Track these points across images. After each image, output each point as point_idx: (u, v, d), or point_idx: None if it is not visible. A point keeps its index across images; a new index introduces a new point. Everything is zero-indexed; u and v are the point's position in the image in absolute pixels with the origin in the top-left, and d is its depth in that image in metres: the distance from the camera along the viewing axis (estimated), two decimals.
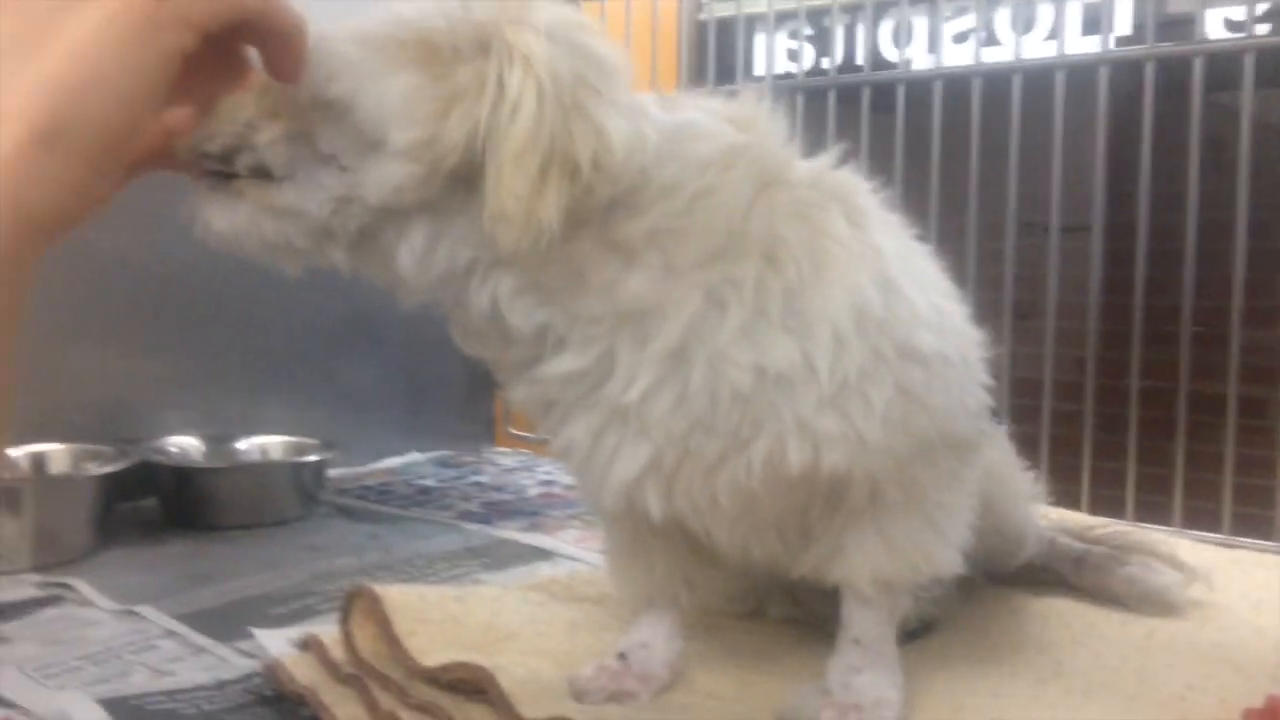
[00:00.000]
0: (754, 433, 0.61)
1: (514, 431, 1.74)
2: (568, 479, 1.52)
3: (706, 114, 0.63)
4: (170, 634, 0.88)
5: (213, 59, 0.51)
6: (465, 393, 1.74)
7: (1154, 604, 0.91)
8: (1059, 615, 0.89)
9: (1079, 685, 0.74)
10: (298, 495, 1.27)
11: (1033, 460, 1.28)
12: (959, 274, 0.76)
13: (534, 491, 1.44)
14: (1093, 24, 1.87)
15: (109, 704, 0.72)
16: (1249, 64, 1.13)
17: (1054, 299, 1.32)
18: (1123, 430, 1.25)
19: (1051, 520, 1.03)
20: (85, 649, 0.84)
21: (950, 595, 0.84)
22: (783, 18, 1.59)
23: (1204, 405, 1.21)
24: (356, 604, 0.80)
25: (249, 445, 1.35)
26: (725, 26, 1.58)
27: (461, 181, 0.57)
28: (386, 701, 0.71)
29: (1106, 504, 1.24)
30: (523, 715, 0.66)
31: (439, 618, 0.79)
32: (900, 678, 0.70)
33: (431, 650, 0.74)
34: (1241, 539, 1.14)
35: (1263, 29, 1.16)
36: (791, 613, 0.86)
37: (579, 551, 1.14)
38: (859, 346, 0.60)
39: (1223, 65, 1.19)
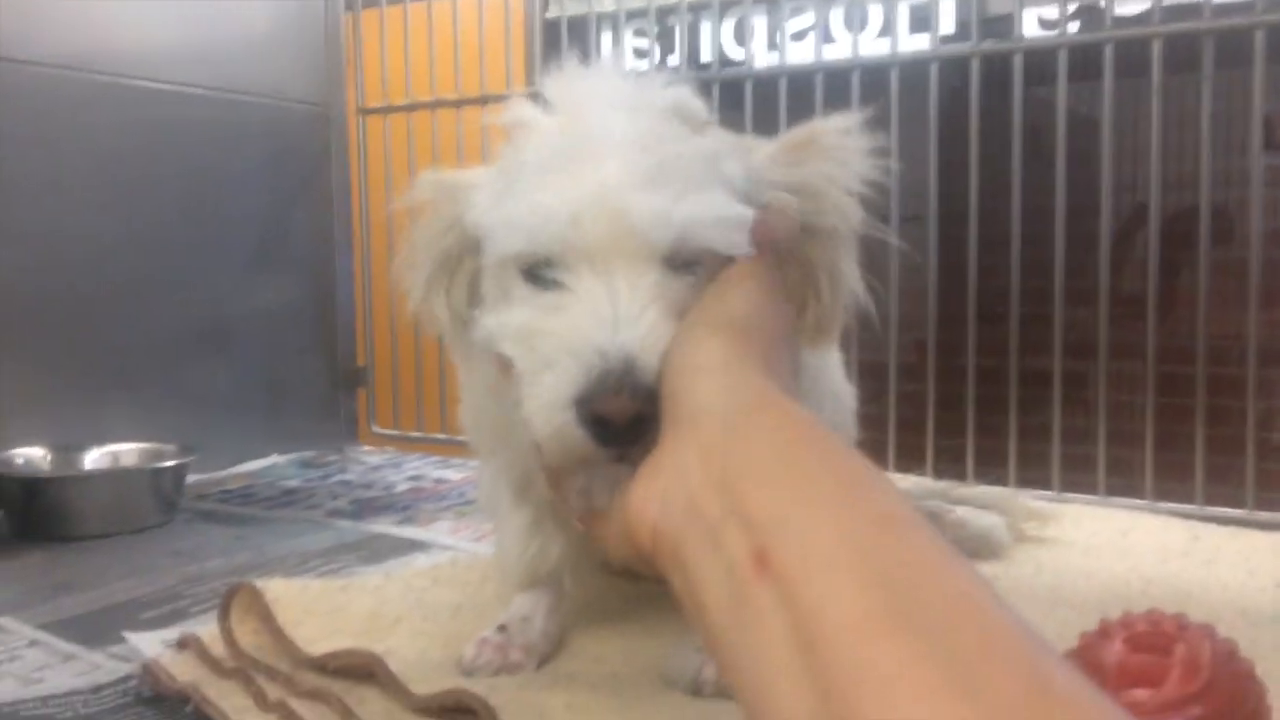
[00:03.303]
0: None
1: (379, 430, 1.73)
2: (436, 474, 1.52)
3: None
4: (34, 643, 0.85)
5: None
6: (325, 393, 1.72)
7: (982, 544, 1.00)
8: None
9: None
10: (156, 501, 1.23)
11: (880, 440, 1.37)
12: None
13: (403, 487, 1.44)
14: (920, 22, 1.97)
15: None
16: (1063, 59, 1.24)
17: (895, 285, 1.39)
18: (961, 407, 1.34)
19: (908, 487, 1.11)
20: None
21: None
22: (631, 16, 1.63)
23: (1033, 380, 1.30)
24: (236, 600, 0.79)
25: (99, 453, 1.31)
26: (575, 25, 1.61)
27: None
28: (274, 691, 0.71)
29: (949, 478, 1.32)
30: (414, 693, 0.67)
31: (325, 608, 0.80)
32: None
33: (318, 639, 0.75)
34: (1071, 494, 1.24)
35: (1073, 27, 1.26)
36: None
37: (454, 541, 1.15)
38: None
39: (1039, 61, 1.29)
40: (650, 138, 0.56)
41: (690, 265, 0.55)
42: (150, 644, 0.82)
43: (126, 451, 1.31)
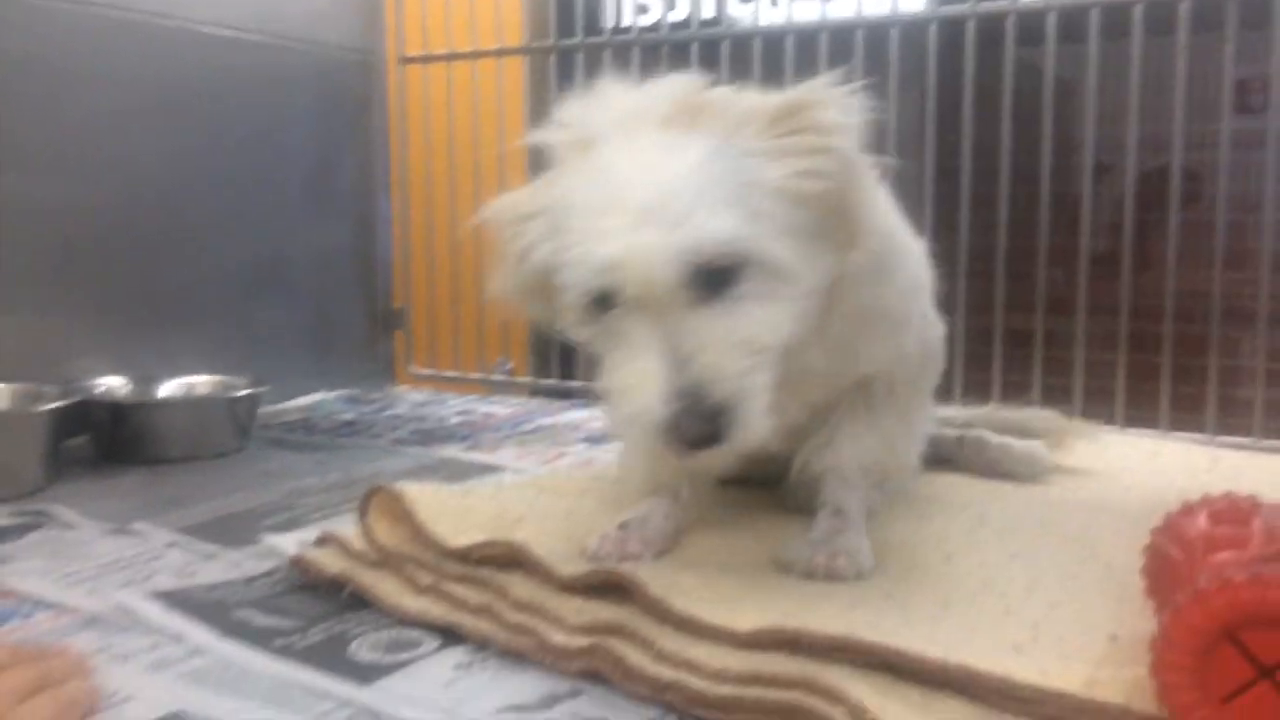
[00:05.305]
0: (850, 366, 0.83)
1: (417, 370, 1.79)
2: (484, 409, 1.59)
3: None
4: (173, 545, 0.91)
5: None
6: (366, 333, 1.78)
7: (1026, 467, 1.09)
8: (966, 484, 1.06)
9: (1001, 528, 0.90)
10: (233, 428, 1.30)
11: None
12: None
13: (455, 420, 1.51)
14: None
15: (158, 597, 0.76)
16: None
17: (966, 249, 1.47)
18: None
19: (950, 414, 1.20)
20: (97, 561, 0.87)
21: None
22: None
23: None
24: (374, 501, 0.87)
25: (175, 384, 1.36)
26: None
27: None
28: (425, 577, 0.78)
29: None
30: (561, 573, 0.75)
31: (455, 508, 0.87)
32: (868, 540, 0.84)
33: (456, 535, 0.82)
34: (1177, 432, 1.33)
35: None
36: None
37: (523, 465, 1.23)
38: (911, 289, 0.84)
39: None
40: (655, 171, 0.69)
41: (733, 273, 0.67)
42: (289, 544, 0.88)
43: (200, 382, 1.37)
